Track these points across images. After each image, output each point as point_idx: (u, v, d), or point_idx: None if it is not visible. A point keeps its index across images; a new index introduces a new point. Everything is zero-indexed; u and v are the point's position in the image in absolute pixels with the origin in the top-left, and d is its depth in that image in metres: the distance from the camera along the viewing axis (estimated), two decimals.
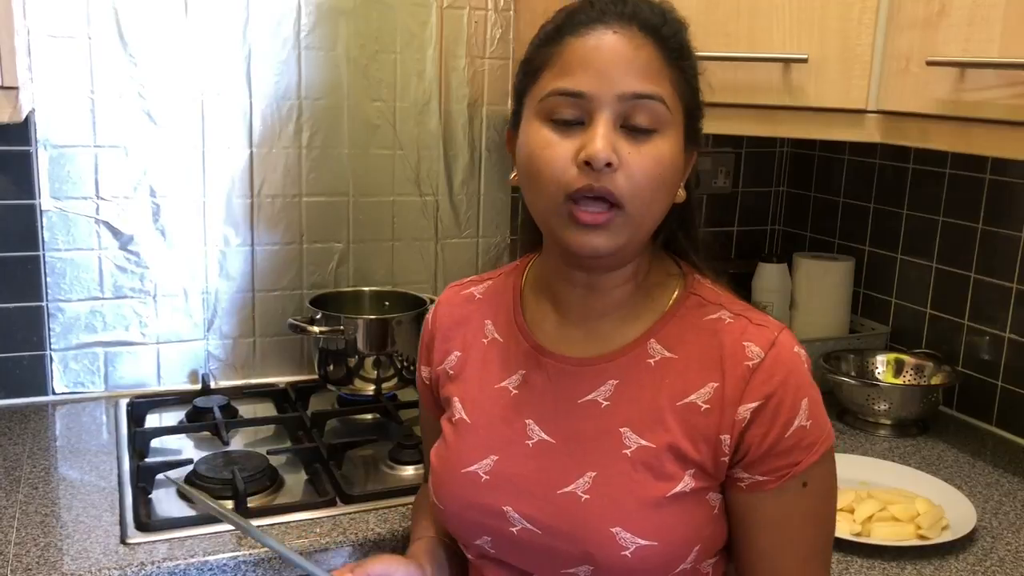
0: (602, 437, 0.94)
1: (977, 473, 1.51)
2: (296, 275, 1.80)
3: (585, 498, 0.92)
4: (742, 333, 0.93)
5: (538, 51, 0.93)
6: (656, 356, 0.96)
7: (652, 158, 0.88)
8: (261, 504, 1.33)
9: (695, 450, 0.92)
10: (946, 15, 1.25)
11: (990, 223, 1.68)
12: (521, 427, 0.98)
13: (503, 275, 1.10)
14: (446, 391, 1.06)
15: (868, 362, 1.80)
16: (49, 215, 1.62)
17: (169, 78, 1.65)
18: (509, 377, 1.01)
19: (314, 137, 1.76)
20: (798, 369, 0.92)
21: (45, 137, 1.59)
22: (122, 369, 1.72)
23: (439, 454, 1.03)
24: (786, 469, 0.91)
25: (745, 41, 1.42)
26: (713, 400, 0.92)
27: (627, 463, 0.92)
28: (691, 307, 0.97)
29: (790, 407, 0.90)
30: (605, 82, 0.87)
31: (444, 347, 1.07)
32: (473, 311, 1.08)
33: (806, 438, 0.91)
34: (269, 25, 1.69)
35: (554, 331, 1.01)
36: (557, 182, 0.88)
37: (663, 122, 0.89)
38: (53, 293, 1.65)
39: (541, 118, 0.90)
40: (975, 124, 1.22)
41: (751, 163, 2.13)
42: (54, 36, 1.57)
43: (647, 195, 0.88)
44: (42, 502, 1.30)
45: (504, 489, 0.96)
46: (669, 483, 0.91)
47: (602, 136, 0.86)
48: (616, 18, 0.89)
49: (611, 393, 0.96)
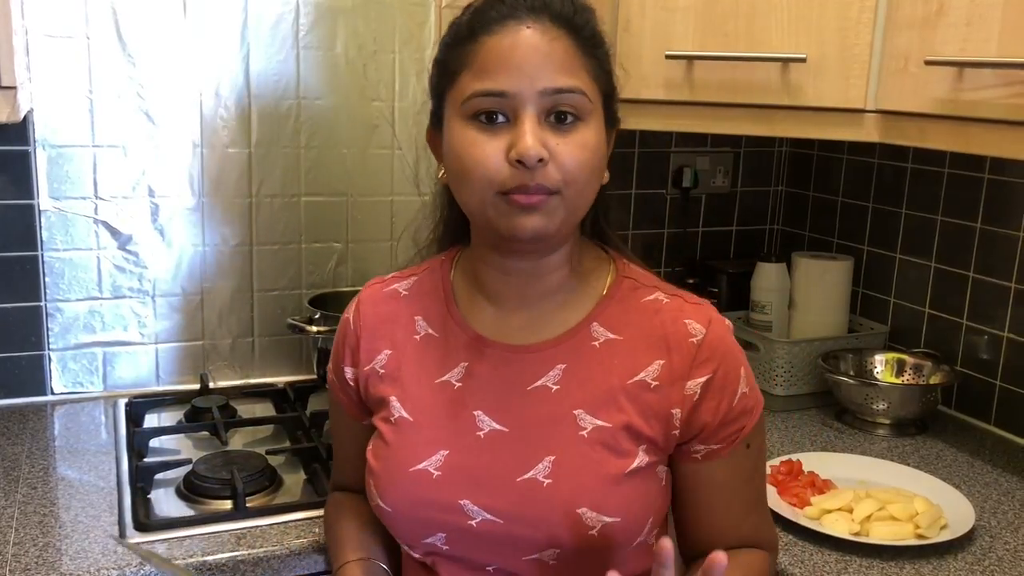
0: (556, 421, 0.96)
1: (976, 472, 1.51)
2: (295, 275, 1.80)
3: (547, 482, 0.93)
4: (680, 311, 0.98)
5: (452, 51, 0.94)
6: (600, 338, 0.98)
7: (580, 146, 0.90)
8: (260, 504, 1.34)
9: (648, 426, 0.95)
10: (944, 15, 1.25)
11: (989, 222, 1.68)
12: (469, 419, 0.98)
13: (427, 270, 1.08)
14: (378, 391, 1.03)
15: (867, 362, 1.80)
16: (48, 215, 1.62)
17: (167, 78, 1.64)
18: (450, 370, 1.01)
19: (313, 137, 1.76)
20: (732, 340, 1.00)
21: (43, 137, 1.59)
22: (121, 369, 1.72)
23: (379, 455, 1.01)
24: (735, 435, 0.98)
25: (744, 41, 1.42)
26: (662, 376, 0.96)
27: (585, 444, 0.94)
28: (627, 289, 1.01)
29: (734, 378, 0.97)
30: (525, 79, 0.88)
31: (371, 346, 1.05)
32: (400, 308, 1.06)
33: (747, 403, 0.98)
34: (267, 25, 1.69)
35: (492, 320, 1.01)
36: (490, 180, 0.89)
37: (586, 112, 0.91)
38: (52, 293, 1.65)
39: (465, 119, 0.91)
40: (973, 124, 1.22)
41: (750, 163, 2.13)
42: (52, 36, 1.57)
43: (580, 182, 0.91)
44: (41, 502, 1.30)
45: (459, 483, 0.96)
46: (626, 460, 0.94)
47: (530, 133, 0.88)
48: (527, 12, 0.90)
49: (560, 377, 0.97)
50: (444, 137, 0.96)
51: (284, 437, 1.58)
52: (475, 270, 1.03)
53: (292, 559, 1.22)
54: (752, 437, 1.00)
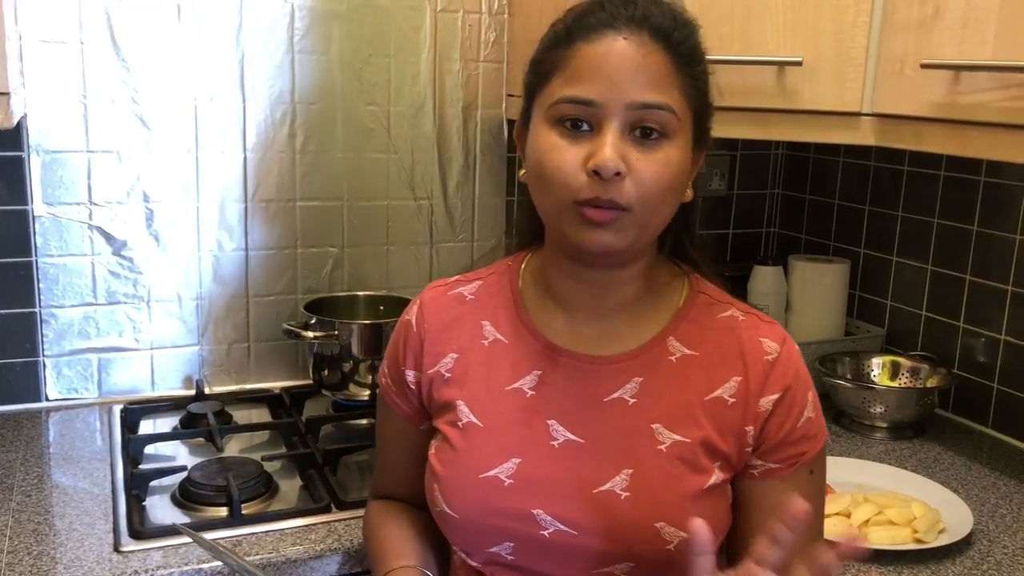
0: (634, 434, 0.95)
1: (973, 476, 1.50)
2: (291, 280, 1.79)
3: (625, 495, 0.93)
4: (756, 329, 0.98)
5: (548, 53, 0.94)
6: (676, 353, 0.98)
7: (660, 164, 0.89)
8: (256, 511, 1.33)
9: (724, 443, 0.95)
10: (940, 17, 1.25)
11: (985, 225, 1.68)
12: (543, 428, 0.97)
13: (494, 275, 1.07)
14: (443, 395, 1.02)
15: (864, 364, 1.80)
16: (42, 221, 1.61)
17: (162, 83, 1.64)
18: (523, 378, 0.99)
19: (308, 141, 1.75)
20: (803, 365, 0.99)
21: (37, 142, 1.59)
22: (116, 375, 1.71)
23: (445, 460, 0.99)
24: (796, 457, 0.97)
25: (739, 44, 1.42)
26: (738, 394, 0.96)
27: (663, 458, 0.94)
28: (702, 305, 1.01)
29: (801, 399, 0.97)
30: (615, 91, 0.87)
31: (436, 350, 1.03)
32: (466, 312, 1.05)
33: (812, 428, 0.97)
34: (263, 29, 1.68)
35: (565, 330, 1.00)
36: (567, 187, 0.89)
37: (671, 129, 0.90)
38: (46, 299, 1.64)
39: (551, 123, 0.91)
40: (970, 127, 1.22)
41: (746, 165, 2.13)
42: (46, 41, 1.56)
43: (655, 200, 0.90)
44: (35, 510, 1.30)
45: (532, 492, 0.95)
46: (704, 476, 0.94)
47: (611, 145, 0.87)
48: (626, 22, 0.89)
49: (637, 390, 0.96)
50: (529, 137, 0.95)
51: (280, 443, 1.57)
52: (547, 275, 1.02)
53: (288, 566, 1.22)
54: (815, 464, 0.98)
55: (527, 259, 1.07)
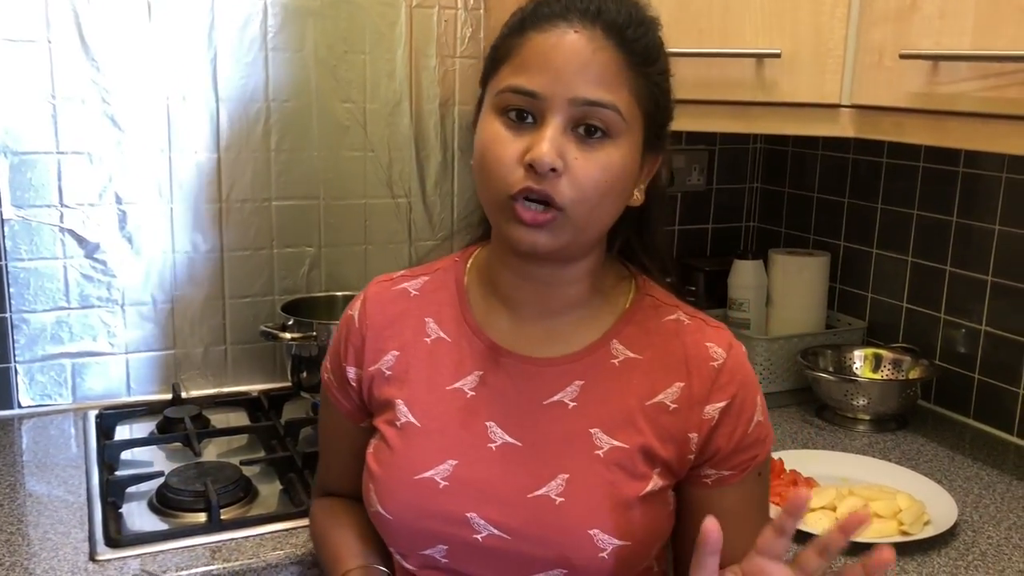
0: (572, 439, 0.93)
1: (956, 467, 1.51)
2: (267, 281, 1.77)
3: (560, 500, 0.91)
4: (702, 334, 0.97)
5: (503, 41, 0.92)
6: (620, 356, 0.96)
7: (599, 165, 0.86)
8: (235, 516, 1.31)
9: (664, 449, 0.93)
10: (918, 8, 1.25)
11: (964, 216, 1.68)
12: (481, 430, 0.95)
13: (440, 270, 1.05)
14: (383, 393, 1.00)
15: (846, 357, 1.80)
16: (11, 224, 1.58)
17: (133, 82, 1.61)
18: (463, 378, 0.98)
19: (283, 140, 1.73)
20: (750, 369, 0.98)
21: (5, 144, 1.55)
22: (90, 380, 1.68)
23: (382, 460, 0.97)
24: (748, 463, 0.96)
25: (718, 37, 1.41)
26: (681, 399, 0.94)
27: (600, 464, 0.92)
28: (647, 308, 0.99)
29: (751, 405, 0.96)
30: (559, 84, 0.85)
31: (377, 346, 1.01)
32: (410, 308, 1.02)
33: (762, 432, 0.97)
34: (235, 27, 1.66)
35: (509, 330, 0.98)
36: (503, 180, 0.87)
37: (617, 130, 0.87)
38: (17, 304, 1.61)
39: (496, 111, 0.89)
40: (950, 117, 1.22)
41: (725, 160, 2.13)
42: (12, 40, 1.53)
43: (591, 202, 0.87)
44: (7, 520, 1.27)
45: (467, 495, 0.93)
46: (641, 483, 0.92)
47: (549, 140, 0.85)
48: (579, 15, 0.87)
49: (577, 394, 0.95)
50: (478, 125, 0.93)
51: (259, 447, 1.55)
52: (492, 273, 1.00)
53: (269, 572, 1.20)
54: (763, 466, 0.98)
55: (474, 255, 1.05)
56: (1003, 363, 1.62)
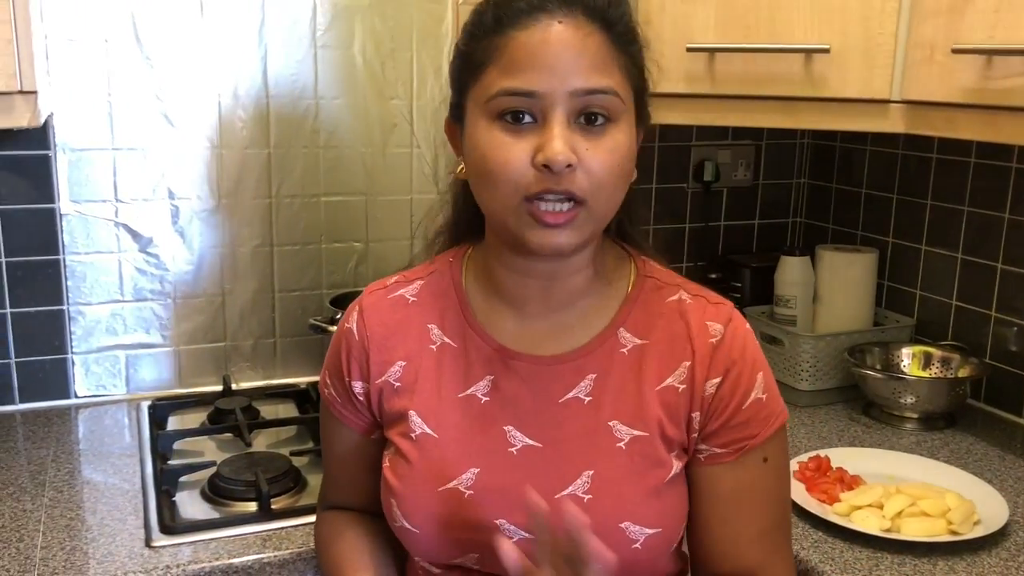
0: (592, 434, 0.93)
1: (1007, 466, 1.48)
2: (315, 275, 1.79)
3: (587, 498, 0.91)
4: (703, 312, 0.96)
5: (477, 43, 0.88)
6: (628, 345, 0.95)
7: (610, 151, 0.86)
8: (285, 506, 1.33)
9: (677, 431, 0.93)
10: (971, 2, 1.23)
11: (1017, 212, 1.65)
12: (500, 435, 0.94)
13: (435, 273, 1.02)
14: (394, 405, 0.98)
15: (893, 355, 1.78)
16: (68, 219, 1.62)
17: (186, 79, 1.64)
18: (475, 384, 0.96)
19: (331, 136, 1.75)
20: (753, 344, 0.96)
21: (64, 141, 1.59)
22: (143, 371, 1.72)
23: (400, 474, 0.95)
24: (743, 442, 0.93)
25: (765, 32, 1.40)
26: (686, 379, 0.94)
27: (623, 456, 0.92)
28: (650, 290, 0.98)
29: (748, 379, 0.93)
30: (556, 79, 0.84)
31: (382, 358, 0.98)
32: (410, 315, 1.00)
33: (763, 410, 0.94)
34: (285, 25, 1.68)
35: (515, 329, 0.97)
36: (515, 184, 0.85)
37: (617, 112, 0.87)
38: (74, 297, 1.65)
39: (491, 117, 0.86)
40: (1003, 112, 1.20)
41: (771, 155, 2.11)
42: (72, 40, 1.57)
43: (608, 189, 0.87)
44: (67, 506, 1.30)
45: (493, 502, 0.92)
46: (664, 469, 0.92)
47: (559, 137, 0.83)
48: (558, 4, 0.85)
49: (591, 388, 0.94)
50: (466, 133, 0.90)
51: (307, 438, 1.58)
52: (490, 271, 0.98)
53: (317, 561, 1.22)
54: (768, 450, 0.94)
55: (468, 254, 1.02)
56: None
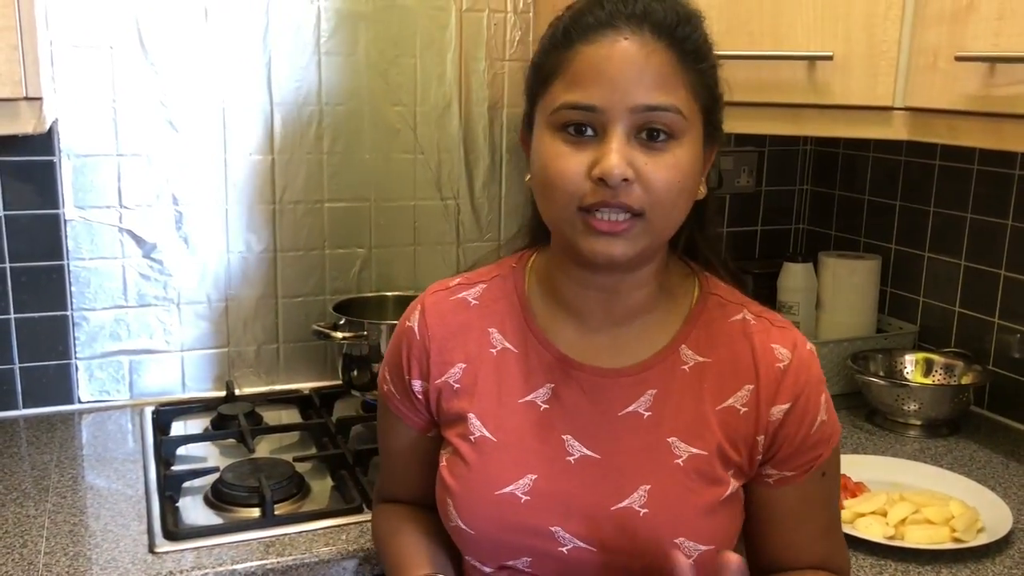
0: (650, 449, 0.93)
1: (1011, 474, 1.48)
2: (319, 281, 1.80)
3: (644, 512, 0.91)
4: (767, 335, 0.96)
5: (548, 56, 0.90)
6: (690, 362, 0.96)
7: (669, 167, 0.86)
8: (288, 512, 1.33)
9: (735, 452, 0.94)
10: (975, 9, 1.23)
11: (1020, 219, 1.65)
12: (558, 443, 0.95)
13: (498, 277, 1.03)
14: (453, 406, 0.99)
15: (896, 362, 1.78)
16: (73, 224, 1.63)
17: (190, 86, 1.65)
18: (535, 391, 0.97)
19: (335, 142, 1.75)
20: (816, 367, 0.96)
21: (68, 147, 1.60)
22: (147, 377, 1.72)
23: (458, 475, 0.96)
24: (810, 463, 0.95)
25: (769, 39, 1.40)
26: (750, 402, 0.94)
27: (681, 473, 0.92)
28: (713, 308, 0.98)
29: (814, 405, 0.95)
30: (617, 95, 0.84)
31: (442, 359, 1.00)
32: (471, 318, 1.00)
33: (825, 431, 0.96)
34: (289, 31, 1.69)
35: (576, 339, 0.97)
36: (570, 195, 0.86)
37: (679, 130, 0.86)
38: (78, 302, 1.65)
39: (553, 129, 0.88)
40: (1007, 120, 1.20)
41: (774, 161, 2.11)
42: (76, 46, 1.57)
43: (667, 205, 0.87)
44: (71, 511, 1.31)
45: (549, 509, 0.93)
46: (720, 488, 0.93)
47: (616, 151, 0.84)
48: (626, 20, 0.86)
49: (651, 403, 0.95)
50: (533, 143, 0.92)
51: (311, 443, 1.58)
52: (553, 280, 0.98)
53: (321, 567, 1.22)
54: (828, 465, 0.97)
55: (532, 260, 1.03)
56: None
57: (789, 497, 0.96)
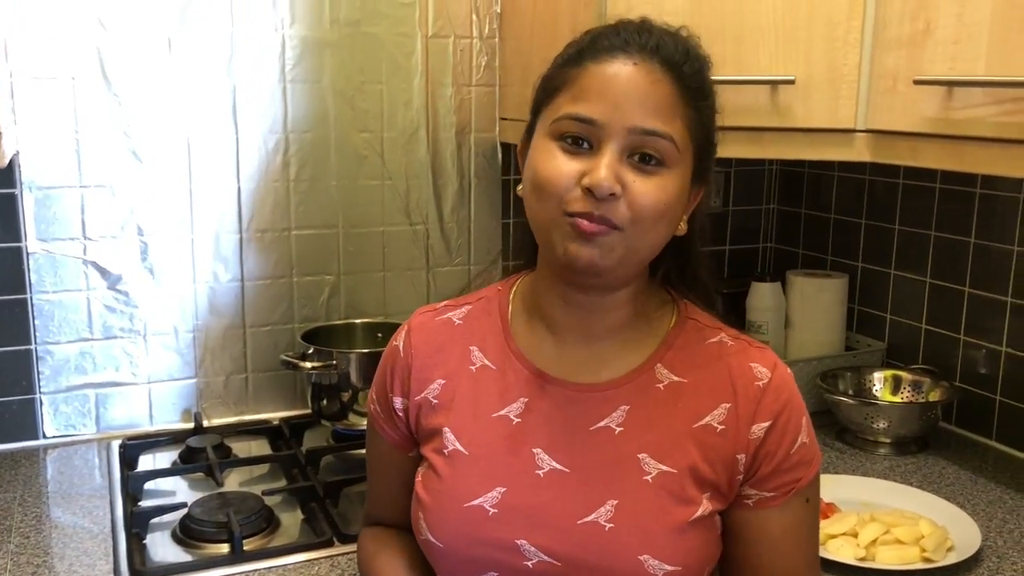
0: (619, 464, 0.94)
1: (979, 490, 1.49)
2: (287, 309, 1.78)
3: (609, 527, 0.91)
4: (745, 355, 0.97)
5: (558, 71, 0.94)
6: (665, 381, 0.96)
7: (657, 187, 0.88)
8: (257, 547, 1.32)
9: (713, 472, 0.93)
10: (931, 33, 1.25)
11: (982, 237, 1.67)
12: (528, 456, 0.96)
13: (483, 299, 1.06)
14: (431, 422, 1.00)
15: (865, 380, 1.79)
16: (36, 257, 1.60)
17: (154, 116, 1.64)
18: (509, 405, 0.98)
19: (302, 170, 1.75)
20: (796, 390, 0.97)
21: (30, 179, 1.58)
22: (114, 410, 1.70)
23: (430, 488, 0.98)
24: (790, 485, 0.95)
25: (731, 64, 1.42)
26: (728, 421, 0.94)
27: (649, 489, 0.92)
28: (690, 331, 1.00)
29: (795, 425, 0.95)
30: (618, 113, 0.87)
31: (423, 376, 1.02)
32: (454, 337, 1.03)
33: (807, 454, 0.96)
34: (254, 59, 1.68)
35: (553, 355, 0.99)
36: (560, 197, 0.88)
37: (671, 159, 0.89)
38: (42, 336, 1.63)
39: (552, 137, 0.91)
40: (965, 142, 1.22)
41: (741, 181, 2.13)
42: (37, 77, 1.56)
43: (648, 222, 0.89)
44: (34, 552, 1.28)
45: (516, 522, 0.93)
46: (691, 507, 0.92)
47: (607, 165, 0.87)
48: (639, 49, 0.90)
49: (624, 419, 0.95)
50: (530, 150, 0.95)
51: (281, 475, 1.56)
52: (536, 297, 1.01)
53: None
54: (810, 491, 0.97)
55: (517, 283, 1.06)
56: None
57: (770, 522, 0.95)
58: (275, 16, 1.68)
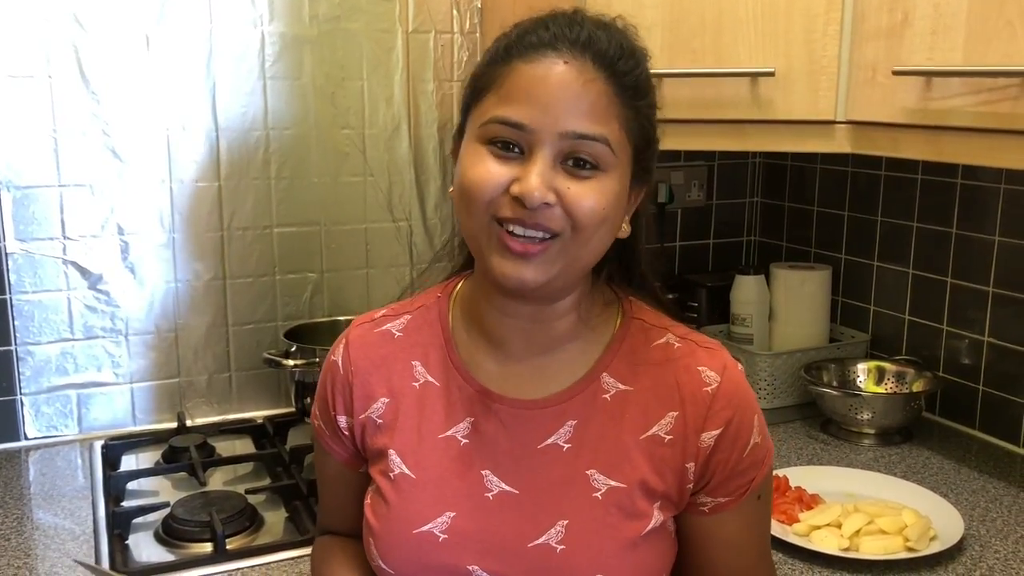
0: (569, 482, 0.91)
1: (962, 480, 1.50)
2: (270, 307, 1.78)
3: (560, 548, 0.89)
4: (693, 358, 0.92)
5: (486, 70, 0.88)
6: (611, 390, 0.93)
7: (594, 192, 0.84)
8: (241, 545, 1.31)
9: (662, 482, 0.91)
10: (909, 24, 1.25)
11: (964, 227, 1.68)
12: (477, 479, 0.92)
13: (423, 308, 1.00)
14: (376, 442, 0.96)
15: (849, 371, 1.80)
16: (15, 257, 1.59)
17: (133, 114, 1.62)
18: (455, 425, 0.94)
19: (283, 167, 1.74)
20: (747, 389, 0.93)
21: (8, 179, 1.57)
22: (96, 410, 1.69)
23: (379, 514, 0.94)
24: (744, 487, 0.92)
25: (711, 57, 1.42)
26: (675, 430, 0.91)
27: (599, 507, 0.90)
28: (636, 333, 0.95)
29: (747, 428, 0.91)
30: (548, 117, 0.83)
31: (365, 393, 0.97)
32: (395, 351, 0.98)
33: (759, 454, 0.93)
34: (233, 56, 1.67)
35: (497, 371, 0.95)
36: (487, 203, 0.84)
37: (606, 163, 0.85)
38: (22, 336, 1.62)
39: (481, 141, 0.86)
40: (944, 132, 1.22)
41: (724, 175, 2.13)
42: (14, 76, 1.54)
43: (588, 230, 0.85)
44: (15, 554, 1.27)
45: (467, 547, 0.90)
46: (642, 521, 0.90)
47: (538, 174, 0.82)
48: (569, 45, 0.84)
49: (571, 435, 0.92)
50: (460, 153, 0.90)
51: (264, 474, 1.56)
52: (476, 309, 0.96)
53: None
54: (763, 487, 0.94)
55: (457, 288, 1.01)
56: (1007, 374, 1.62)
57: (727, 524, 0.93)
58: (254, 13, 1.68)
